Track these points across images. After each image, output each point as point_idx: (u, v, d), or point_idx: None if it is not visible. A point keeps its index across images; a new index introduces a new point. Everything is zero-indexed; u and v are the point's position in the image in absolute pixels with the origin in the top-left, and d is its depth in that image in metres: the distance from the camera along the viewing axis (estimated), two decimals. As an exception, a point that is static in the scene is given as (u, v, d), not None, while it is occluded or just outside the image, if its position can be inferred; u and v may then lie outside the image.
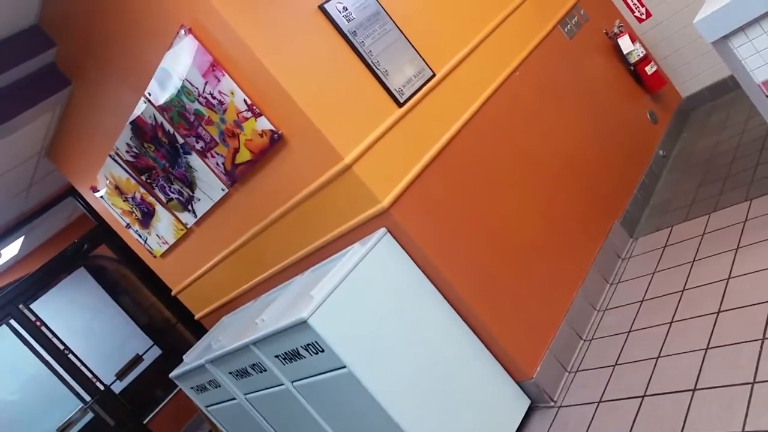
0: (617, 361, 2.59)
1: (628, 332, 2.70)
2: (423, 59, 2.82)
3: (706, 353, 2.23)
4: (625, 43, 3.91)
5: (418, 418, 2.36)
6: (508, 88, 3.15)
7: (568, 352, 2.84)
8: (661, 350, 2.43)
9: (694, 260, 2.80)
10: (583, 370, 2.72)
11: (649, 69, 3.95)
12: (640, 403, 2.26)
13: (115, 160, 3.52)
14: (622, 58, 3.99)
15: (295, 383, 2.63)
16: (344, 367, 2.28)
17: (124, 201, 3.82)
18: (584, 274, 3.08)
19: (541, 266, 2.92)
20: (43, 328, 5.73)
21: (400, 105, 2.67)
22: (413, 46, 2.80)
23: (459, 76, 2.94)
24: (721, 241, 2.78)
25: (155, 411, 6.40)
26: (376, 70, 2.64)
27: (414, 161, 2.63)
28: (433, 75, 2.83)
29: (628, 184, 3.61)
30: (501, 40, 3.23)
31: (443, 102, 2.83)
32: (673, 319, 2.55)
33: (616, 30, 3.95)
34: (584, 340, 2.90)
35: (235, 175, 2.88)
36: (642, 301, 2.83)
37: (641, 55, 3.93)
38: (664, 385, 2.24)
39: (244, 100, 2.53)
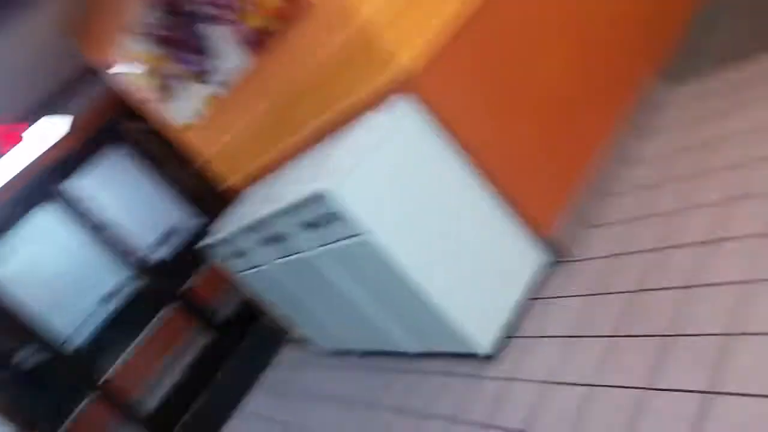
0: (646, 214, 2.54)
1: (658, 185, 2.63)
2: None
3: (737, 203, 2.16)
4: None
5: (439, 277, 2.41)
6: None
7: (593, 207, 2.80)
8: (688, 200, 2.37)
9: (735, 106, 2.65)
10: (608, 224, 2.69)
11: None
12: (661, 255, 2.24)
13: (136, 35, 3.43)
14: None
15: (317, 249, 2.68)
16: (363, 233, 2.31)
17: (147, 76, 3.75)
18: (612, 125, 2.96)
19: (570, 120, 2.81)
20: (83, 204, 5.89)
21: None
22: None
23: None
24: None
25: (195, 278, 6.69)
26: None
27: (440, 20, 2.47)
28: None
29: (667, 28, 3.35)
30: None
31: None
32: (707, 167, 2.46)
33: None
34: (611, 195, 2.84)
35: (256, 43, 2.78)
36: (677, 151, 2.73)
37: None
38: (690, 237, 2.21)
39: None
